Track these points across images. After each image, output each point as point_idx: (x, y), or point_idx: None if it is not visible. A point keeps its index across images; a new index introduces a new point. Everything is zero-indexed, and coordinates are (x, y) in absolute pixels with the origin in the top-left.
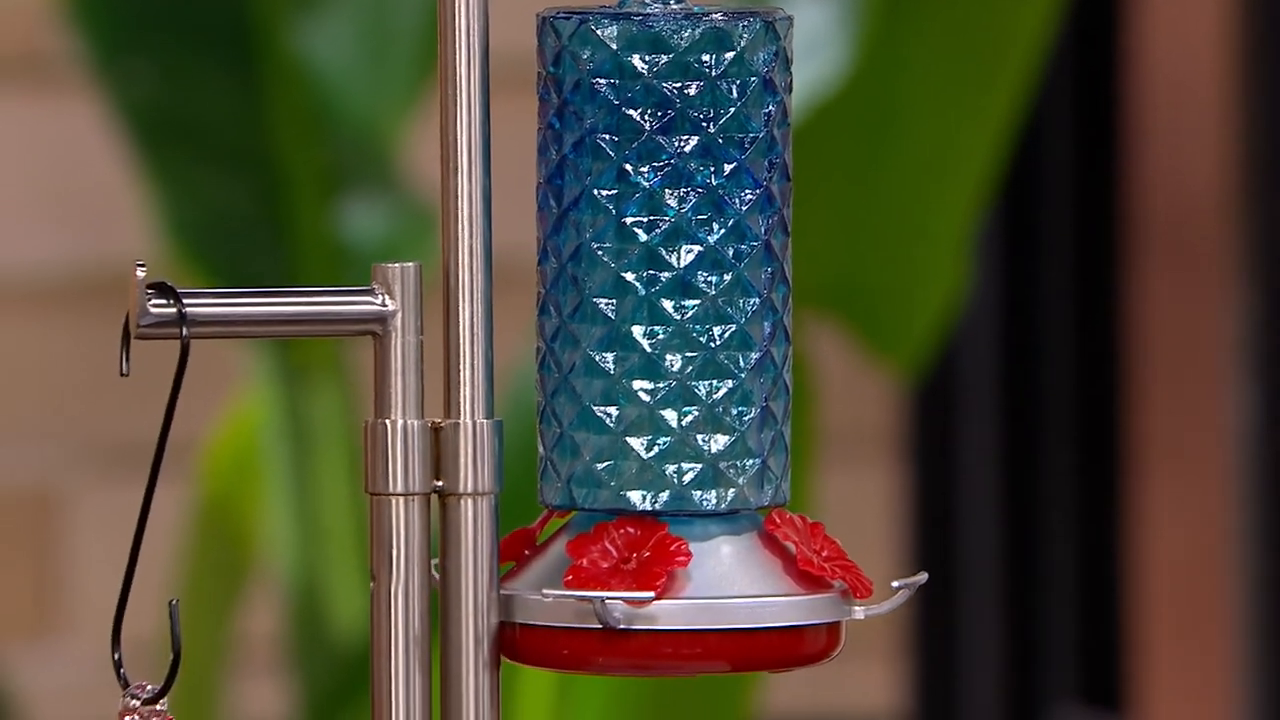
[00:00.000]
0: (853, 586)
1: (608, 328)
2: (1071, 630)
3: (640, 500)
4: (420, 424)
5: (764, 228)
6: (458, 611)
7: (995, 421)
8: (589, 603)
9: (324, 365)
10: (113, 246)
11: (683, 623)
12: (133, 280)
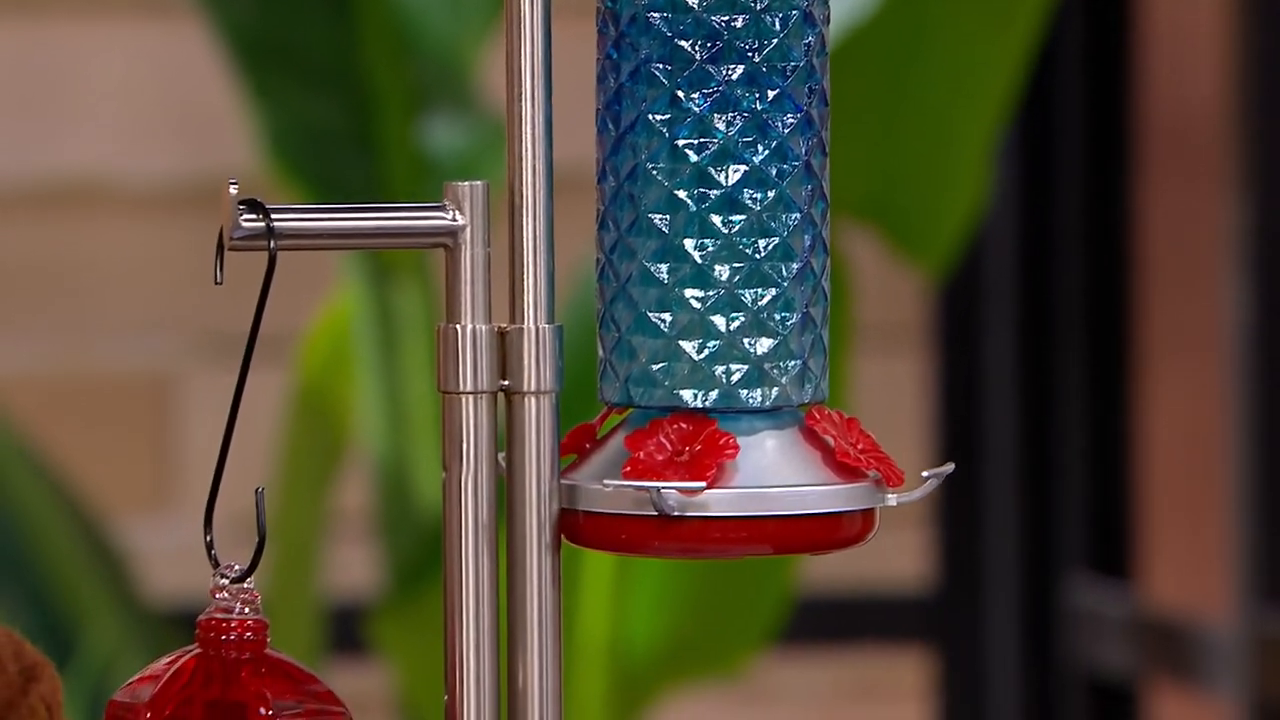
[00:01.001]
0: (886, 476)
1: (662, 241)
2: (1083, 505)
3: (692, 398)
4: (488, 329)
5: (804, 149)
6: (522, 499)
7: (1014, 315)
8: (646, 492)
9: (409, 266)
10: (220, 157)
11: (731, 510)
12: (226, 196)
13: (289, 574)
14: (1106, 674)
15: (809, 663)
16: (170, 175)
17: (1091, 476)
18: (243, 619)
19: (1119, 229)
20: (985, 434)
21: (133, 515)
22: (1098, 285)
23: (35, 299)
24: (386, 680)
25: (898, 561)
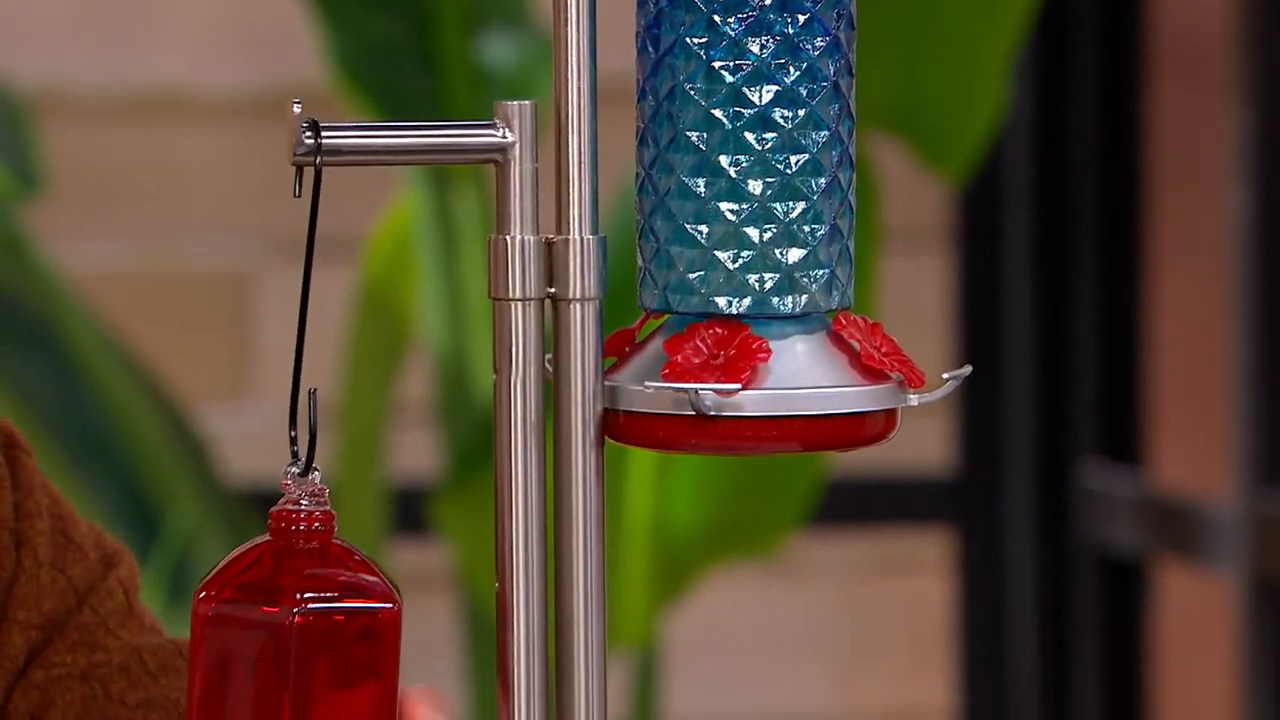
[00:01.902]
0: (908, 378)
1: (698, 157)
2: (1095, 394)
3: (726, 305)
4: (535, 239)
5: (833, 70)
6: (567, 400)
7: (1032, 219)
8: (684, 393)
9: (466, 175)
10: (293, 71)
11: (763, 410)
12: (289, 115)
13: (356, 459)
14: (1116, 551)
15: (839, 541)
16: (247, 87)
17: (1103, 368)
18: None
19: (1129, 137)
20: (1004, 329)
21: (212, 404)
22: (1109, 190)
23: (122, 203)
24: (446, 557)
25: (922, 447)
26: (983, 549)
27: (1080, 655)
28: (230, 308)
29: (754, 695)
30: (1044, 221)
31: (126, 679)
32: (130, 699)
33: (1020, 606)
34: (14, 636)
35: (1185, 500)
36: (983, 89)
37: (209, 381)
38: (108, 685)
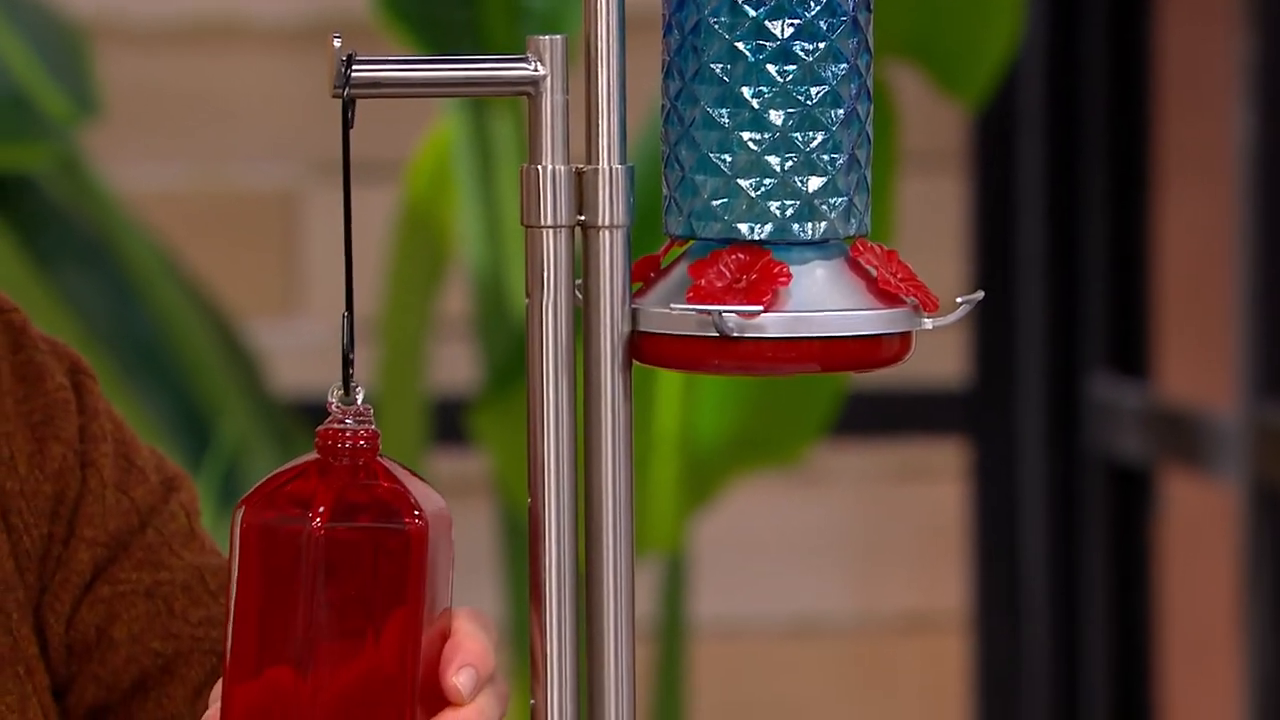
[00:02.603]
0: (922, 302)
1: (722, 89)
2: (1104, 309)
3: (748, 231)
4: (566, 169)
5: (851, 4)
6: (596, 323)
7: (1044, 141)
8: (708, 315)
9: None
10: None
11: (783, 332)
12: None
13: (397, 372)
14: (1123, 459)
15: (859, 451)
16: (297, 15)
17: (1111, 285)
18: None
19: (1138, 63)
20: (1017, 247)
21: (261, 319)
22: (1118, 113)
23: (176, 126)
24: (484, 466)
25: (939, 361)
26: (996, 457)
27: (1089, 558)
28: (279, 227)
29: (777, 597)
30: (1055, 144)
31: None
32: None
33: (1031, 512)
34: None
35: (1189, 411)
36: (997, 17)
37: (259, 297)
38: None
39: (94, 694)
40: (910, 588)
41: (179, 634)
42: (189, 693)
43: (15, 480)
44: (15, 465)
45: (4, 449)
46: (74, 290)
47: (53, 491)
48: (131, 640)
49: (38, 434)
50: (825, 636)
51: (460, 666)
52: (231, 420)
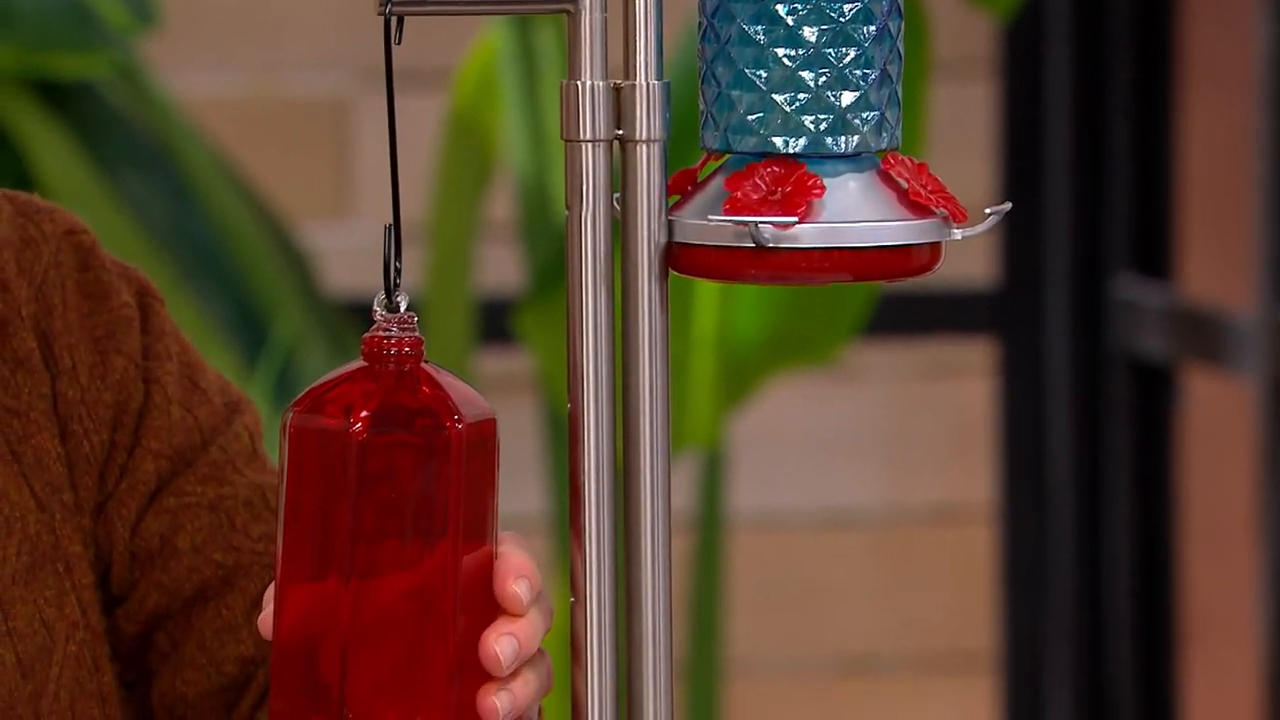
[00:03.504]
0: (952, 214)
1: (758, 5)
2: (1129, 214)
3: (783, 145)
4: (605, 84)
5: None
6: (634, 235)
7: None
8: (744, 226)
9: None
10: None
11: (817, 242)
12: None
13: (446, 273)
14: (1146, 357)
15: (891, 349)
16: None
17: (1136, 188)
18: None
19: None
20: (1044, 152)
21: (314, 222)
22: (1143, 21)
23: (232, 34)
24: (529, 364)
25: (968, 263)
26: (1023, 356)
27: (1113, 453)
28: (331, 133)
29: (811, 491)
30: (1082, 52)
31: (250, 513)
32: (253, 531)
33: (1057, 408)
34: (146, 464)
35: (1210, 310)
36: None
37: (311, 201)
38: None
39: (156, 600)
40: (939, 481)
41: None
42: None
43: (77, 389)
44: (77, 375)
45: (66, 360)
46: (134, 194)
47: (113, 401)
48: (194, 551)
49: (100, 347)
50: (857, 528)
51: (517, 577)
52: (286, 320)
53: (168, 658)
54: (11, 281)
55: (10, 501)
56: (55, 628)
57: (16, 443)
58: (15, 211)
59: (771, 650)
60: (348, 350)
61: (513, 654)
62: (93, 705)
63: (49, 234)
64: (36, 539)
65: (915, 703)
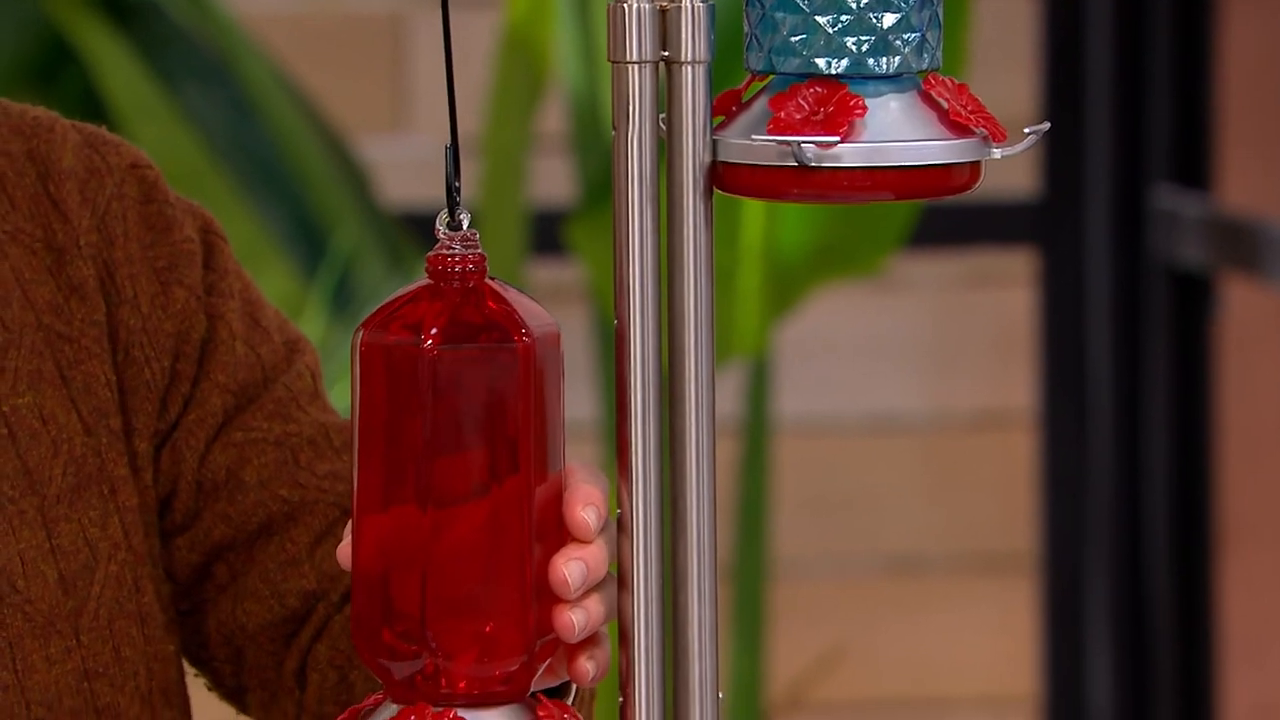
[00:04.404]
0: (991, 133)
1: None
2: (1169, 126)
3: (826, 66)
4: (650, 6)
5: None
6: (680, 154)
7: None
8: (787, 146)
9: None
10: None
11: (859, 161)
12: None
13: (499, 185)
14: (1185, 266)
15: (935, 259)
16: None
17: (1176, 100)
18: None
19: None
20: (1086, 64)
21: (372, 135)
22: None
23: None
24: (580, 275)
25: (1011, 174)
26: (1064, 265)
27: (1152, 359)
28: (388, 47)
29: (856, 397)
30: None
31: (314, 450)
32: (318, 469)
33: (1097, 316)
34: (213, 397)
35: (1247, 220)
36: None
37: (369, 115)
38: (297, 454)
39: (221, 532)
40: (982, 388)
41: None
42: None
43: (138, 318)
44: (139, 304)
45: (128, 289)
46: (195, 108)
47: (174, 331)
48: (260, 485)
49: (162, 278)
50: (901, 433)
51: (585, 505)
52: (344, 231)
53: (226, 588)
54: (73, 211)
55: (58, 424)
56: (98, 547)
57: (67, 367)
58: (82, 142)
59: (816, 552)
60: (404, 262)
61: (581, 577)
62: (131, 625)
63: (114, 166)
64: (82, 461)
65: (957, 602)
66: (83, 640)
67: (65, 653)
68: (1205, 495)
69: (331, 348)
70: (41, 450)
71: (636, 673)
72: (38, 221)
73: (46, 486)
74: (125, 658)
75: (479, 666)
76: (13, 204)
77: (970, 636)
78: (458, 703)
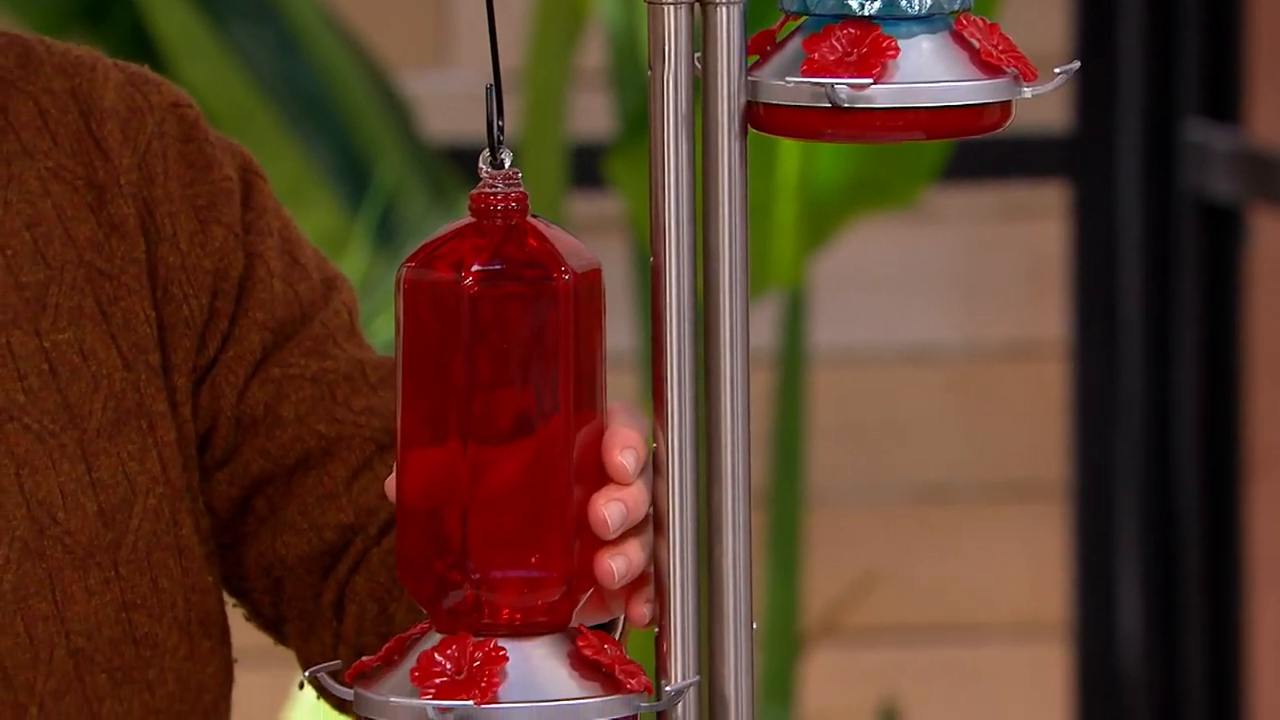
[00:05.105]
0: (1022, 73)
1: None
2: (1200, 60)
3: (859, 7)
4: None
5: None
6: (714, 94)
7: None
8: (820, 86)
9: None
10: None
11: (892, 102)
12: None
13: (540, 119)
14: (1215, 199)
15: (968, 192)
16: None
17: (1207, 35)
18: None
19: None
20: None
21: (414, 70)
22: None
23: None
24: (619, 207)
25: (1044, 108)
26: (1096, 198)
27: (1181, 290)
28: None
29: (890, 328)
30: None
31: (350, 386)
32: (355, 404)
33: (1128, 248)
34: (251, 334)
35: (1277, 153)
36: None
37: (412, 50)
38: (334, 389)
39: (260, 466)
40: (1014, 318)
41: (342, 419)
42: (347, 473)
43: (177, 255)
44: (178, 242)
45: (167, 227)
46: (242, 45)
47: (213, 268)
48: (298, 420)
49: (201, 216)
50: (935, 363)
51: (623, 448)
52: (387, 165)
53: (265, 521)
54: (114, 149)
55: (98, 359)
56: (137, 481)
57: (107, 304)
58: (124, 80)
59: (851, 480)
60: (447, 196)
61: (620, 518)
62: (169, 557)
63: (155, 105)
64: (122, 395)
65: (989, 529)
66: (121, 572)
67: (104, 584)
68: (1234, 423)
69: (374, 282)
70: (82, 385)
71: (672, 605)
72: (80, 159)
73: (86, 421)
74: (163, 589)
75: (521, 598)
76: (55, 142)
77: (1002, 563)
78: (500, 633)
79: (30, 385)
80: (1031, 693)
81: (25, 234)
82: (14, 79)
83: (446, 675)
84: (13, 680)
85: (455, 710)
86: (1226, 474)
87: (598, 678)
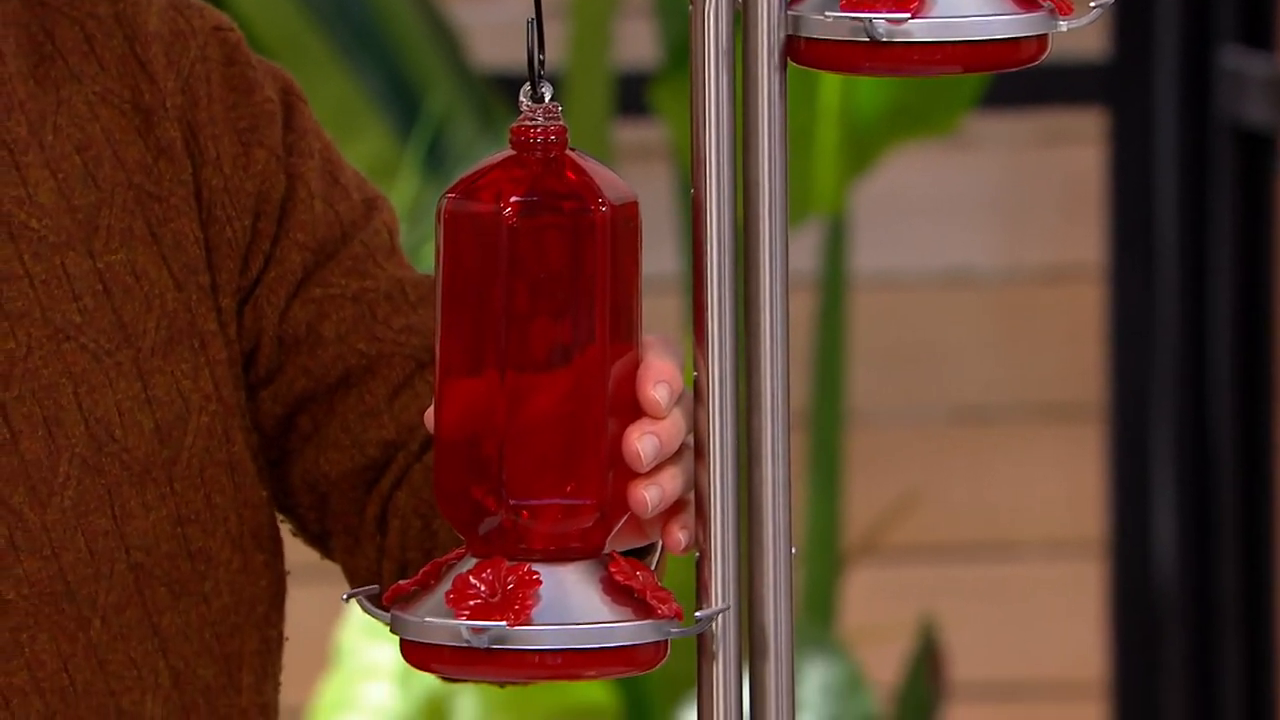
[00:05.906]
0: (1058, 6)
1: None
2: None
3: None
4: None
5: None
6: (755, 28)
7: None
8: (860, 21)
9: None
10: None
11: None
12: None
13: (586, 47)
14: (1250, 125)
15: (1007, 119)
16: None
17: None
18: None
19: None
20: None
21: None
22: None
23: None
24: (664, 135)
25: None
26: (1133, 124)
27: (1217, 215)
28: None
29: (930, 253)
30: None
31: (390, 305)
32: (395, 323)
33: (1165, 174)
34: (292, 255)
35: None
36: None
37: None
38: (374, 308)
39: (303, 384)
40: (1052, 242)
41: (382, 338)
42: (388, 391)
43: (220, 178)
44: (221, 165)
45: (210, 150)
46: None
47: (255, 190)
48: (339, 339)
49: (243, 139)
50: (973, 287)
51: (657, 382)
52: (437, 93)
53: (309, 438)
54: (159, 73)
55: (150, 280)
56: (190, 398)
57: (157, 225)
58: (167, 4)
59: (891, 402)
60: (496, 123)
61: (654, 451)
62: (222, 473)
63: (198, 29)
64: (174, 315)
65: (1026, 450)
66: (176, 488)
67: (160, 499)
68: (1268, 346)
69: (424, 209)
70: (135, 305)
71: (712, 530)
72: (126, 83)
73: (141, 339)
74: (216, 504)
75: (555, 525)
76: (102, 66)
77: (1039, 483)
78: (535, 558)
79: (85, 305)
80: (1068, 609)
81: (75, 157)
82: (59, 4)
83: (481, 598)
84: (76, 594)
85: (489, 631)
86: (1260, 394)
87: (629, 603)
